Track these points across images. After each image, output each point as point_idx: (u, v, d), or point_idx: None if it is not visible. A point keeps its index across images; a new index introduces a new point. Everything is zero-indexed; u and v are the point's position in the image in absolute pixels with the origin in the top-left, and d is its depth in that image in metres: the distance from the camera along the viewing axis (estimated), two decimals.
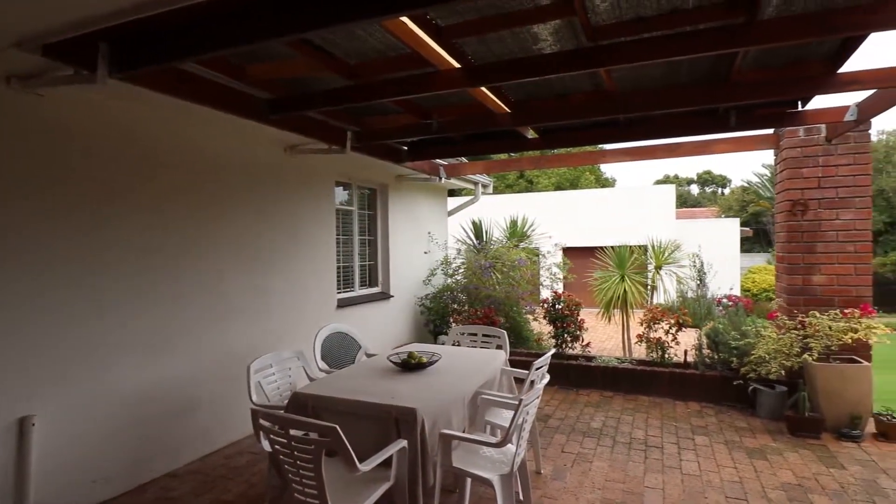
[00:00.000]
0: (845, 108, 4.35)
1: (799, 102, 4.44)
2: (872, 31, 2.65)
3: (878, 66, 3.39)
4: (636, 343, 6.33)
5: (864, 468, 3.78)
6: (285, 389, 3.54)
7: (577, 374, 5.97)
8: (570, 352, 6.38)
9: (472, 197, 8.73)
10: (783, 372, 4.64)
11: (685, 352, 5.84)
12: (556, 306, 6.35)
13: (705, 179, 53.81)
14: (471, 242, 8.59)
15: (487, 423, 3.46)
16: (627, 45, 2.87)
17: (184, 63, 3.15)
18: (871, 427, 4.46)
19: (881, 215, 23.19)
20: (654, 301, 10.47)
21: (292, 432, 2.28)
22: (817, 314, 4.66)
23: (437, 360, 3.53)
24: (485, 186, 8.84)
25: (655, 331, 5.98)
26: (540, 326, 7.33)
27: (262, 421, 2.33)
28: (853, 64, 3.58)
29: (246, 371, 3.28)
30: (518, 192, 27.71)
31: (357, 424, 2.80)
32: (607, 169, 40.61)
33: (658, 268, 9.43)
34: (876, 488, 3.46)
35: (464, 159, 7.66)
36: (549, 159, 6.16)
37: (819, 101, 4.40)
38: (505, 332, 4.46)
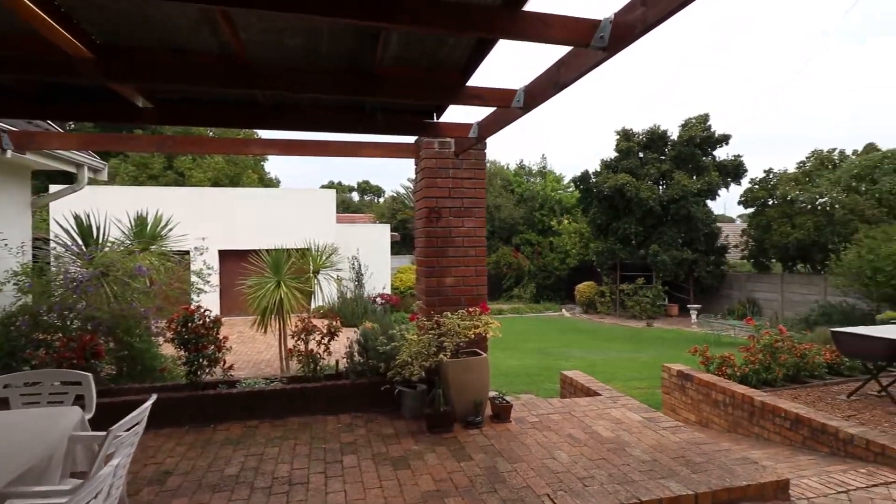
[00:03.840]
0: (469, 126, 4.77)
1: (434, 114, 4.66)
2: (500, 38, 2.70)
3: (498, 86, 3.71)
4: (289, 357, 5.71)
5: (486, 455, 4.11)
6: None
7: (215, 406, 4.91)
8: (209, 378, 5.24)
9: (74, 184, 6.47)
10: (423, 373, 4.80)
11: (337, 362, 5.55)
12: (188, 325, 5.07)
13: (364, 188, 59.14)
14: (74, 246, 6.32)
15: None
16: None
17: None
18: (489, 410, 5.04)
19: (488, 224, 30.09)
20: (314, 305, 10.20)
21: None
22: (449, 314, 5.01)
23: None
24: (96, 171, 6.70)
25: (308, 342, 5.49)
26: (176, 349, 5.88)
27: None
28: (479, 80, 3.85)
29: None
30: (165, 184, 23.74)
31: None
32: (272, 169, 39.57)
33: (316, 272, 9.17)
34: (496, 474, 3.74)
35: (52, 126, 5.51)
36: (181, 141, 4.82)
37: (451, 116, 4.72)
38: (90, 375, 3.10)
